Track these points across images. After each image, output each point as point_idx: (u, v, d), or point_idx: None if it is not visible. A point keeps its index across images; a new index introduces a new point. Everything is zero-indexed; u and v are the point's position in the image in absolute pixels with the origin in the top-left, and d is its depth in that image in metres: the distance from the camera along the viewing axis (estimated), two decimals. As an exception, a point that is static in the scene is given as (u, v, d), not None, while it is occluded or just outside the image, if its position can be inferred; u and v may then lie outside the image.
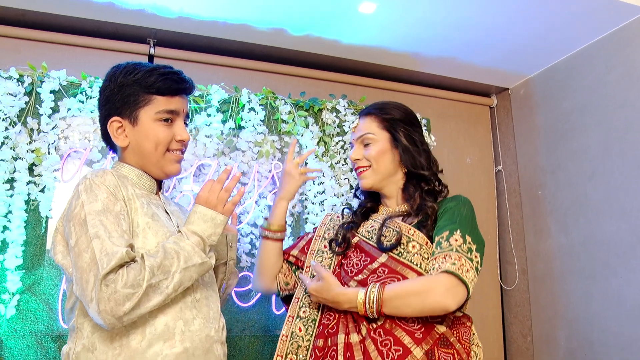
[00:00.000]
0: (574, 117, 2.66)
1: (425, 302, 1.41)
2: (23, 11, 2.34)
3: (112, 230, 1.25)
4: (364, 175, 1.70)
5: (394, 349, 1.42)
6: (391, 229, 1.59)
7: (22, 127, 2.05)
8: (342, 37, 2.57)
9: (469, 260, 1.44)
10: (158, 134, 1.42)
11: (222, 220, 1.37)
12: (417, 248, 1.54)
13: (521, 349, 2.87)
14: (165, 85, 1.41)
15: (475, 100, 3.16)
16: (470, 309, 2.80)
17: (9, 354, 1.93)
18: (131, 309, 1.19)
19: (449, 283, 1.41)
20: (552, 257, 2.74)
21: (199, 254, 1.31)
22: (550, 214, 2.78)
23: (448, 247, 1.46)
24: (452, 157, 3.03)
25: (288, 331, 1.60)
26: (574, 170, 2.65)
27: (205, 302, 1.41)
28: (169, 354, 1.28)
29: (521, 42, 2.62)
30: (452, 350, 1.46)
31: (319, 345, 1.53)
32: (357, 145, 1.73)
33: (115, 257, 1.19)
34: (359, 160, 1.71)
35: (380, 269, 1.54)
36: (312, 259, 1.71)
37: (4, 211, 1.98)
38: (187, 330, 1.33)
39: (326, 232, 1.79)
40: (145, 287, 1.20)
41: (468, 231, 1.51)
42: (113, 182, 1.34)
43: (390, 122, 1.70)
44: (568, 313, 2.61)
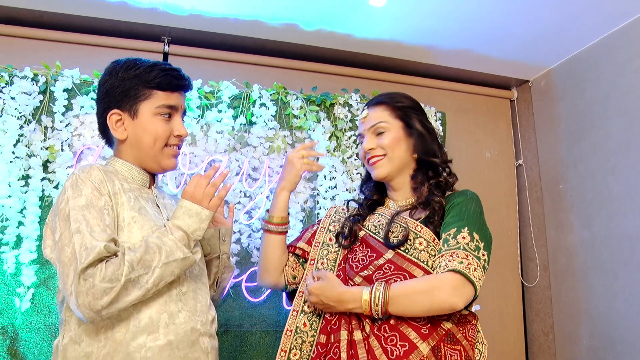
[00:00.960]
0: (595, 108, 2.58)
1: (433, 301, 1.38)
2: (41, 12, 2.39)
3: (95, 225, 1.27)
4: (379, 165, 1.65)
5: (399, 345, 1.40)
6: (399, 225, 1.56)
7: (36, 125, 2.11)
8: (354, 31, 2.54)
9: (477, 258, 1.41)
10: (157, 129, 1.44)
11: (208, 215, 1.37)
12: (424, 245, 1.51)
13: (543, 347, 2.80)
14: (165, 80, 1.44)
15: (495, 93, 3.09)
16: (490, 306, 2.78)
17: (24, 346, 1.98)
18: (109, 303, 1.21)
19: (456, 282, 1.37)
20: (574, 252, 2.66)
21: (181, 249, 1.31)
22: (571, 208, 2.70)
23: (455, 245, 1.43)
24: (470, 151, 2.97)
25: (292, 326, 1.58)
26: (596, 163, 2.57)
27: (192, 295, 1.41)
28: (153, 347, 1.29)
29: (540, 32, 2.54)
30: (459, 347, 1.43)
31: (321, 342, 1.52)
32: (369, 135, 1.67)
33: (93, 252, 1.21)
34: (373, 149, 1.65)
35: (386, 265, 1.52)
36: (318, 250, 1.69)
37: (19, 207, 2.03)
38: (172, 323, 1.33)
39: (331, 224, 1.75)
40: (123, 282, 1.21)
41: (476, 228, 1.47)
42: (99, 178, 1.36)
43: (403, 109, 1.66)
44: (590, 310, 2.54)
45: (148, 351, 1.28)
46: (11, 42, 2.34)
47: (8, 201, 2.00)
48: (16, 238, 2.01)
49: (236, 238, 2.26)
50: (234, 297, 2.24)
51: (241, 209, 2.28)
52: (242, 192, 2.30)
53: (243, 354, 2.21)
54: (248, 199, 2.31)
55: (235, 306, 2.24)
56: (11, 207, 2.01)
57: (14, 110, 2.06)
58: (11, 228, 2.01)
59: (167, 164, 1.49)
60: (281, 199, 1.71)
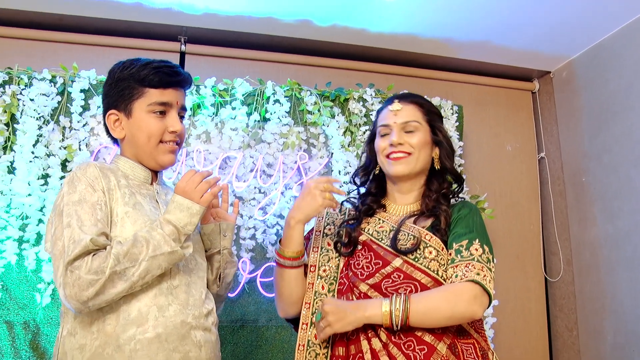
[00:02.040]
0: (618, 99, 2.51)
1: (454, 310, 1.39)
2: (60, 15, 2.45)
3: (85, 220, 1.31)
4: (402, 162, 1.59)
5: (418, 349, 1.40)
6: (406, 233, 1.53)
7: (55, 126, 2.16)
8: (368, 25, 2.53)
9: (489, 270, 1.45)
10: (150, 126, 1.46)
11: (198, 210, 1.38)
12: (434, 254, 1.49)
13: (567, 343, 2.74)
14: (157, 77, 1.45)
15: (516, 85, 3.03)
16: (513, 301, 2.74)
17: (45, 340, 2.04)
18: (95, 294, 1.24)
19: (476, 292, 1.40)
20: (597, 246, 2.60)
21: (168, 243, 1.32)
22: (595, 201, 2.63)
23: (469, 257, 1.45)
24: (491, 144, 2.92)
25: (304, 340, 1.53)
26: (619, 155, 2.50)
27: (184, 288, 1.42)
28: (142, 339, 1.31)
29: (561, 21, 2.48)
30: (472, 340, 1.45)
31: (340, 354, 1.48)
32: (399, 130, 1.60)
33: (80, 245, 1.25)
34: (402, 145, 1.59)
35: (395, 274, 1.49)
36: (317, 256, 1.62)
37: (39, 205, 2.09)
38: (161, 316, 1.34)
39: (326, 227, 1.69)
40: (108, 274, 1.24)
41: (485, 241, 1.50)
42: (94, 174, 1.40)
43: (432, 115, 1.64)
44: (615, 306, 2.47)
45: (137, 343, 1.30)
46: (31, 46, 2.41)
47: (28, 199, 2.06)
48: (36, 235, 2.07)
49: (251, 234, 2.28)
50: (249, 293, 2.25)
51: (256, 205, 2.30)
52: (256, 188, 2.32)
53: (259, 349, 2.22)
54: (262, 195, 2.32)
55: (250, 301, 2.25)
56: (31, 205, 2.07)
57: (32, 111, 2.12)
58: (31, 226, 2.07)
59: (164, 160, 1.51)
60: (297, 232, 1.56)
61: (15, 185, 2.06)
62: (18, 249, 2.06)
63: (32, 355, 2.02)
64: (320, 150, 2.42)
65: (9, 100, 2.11)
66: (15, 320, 2.03)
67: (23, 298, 2.05)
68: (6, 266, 2.04)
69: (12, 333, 2.02)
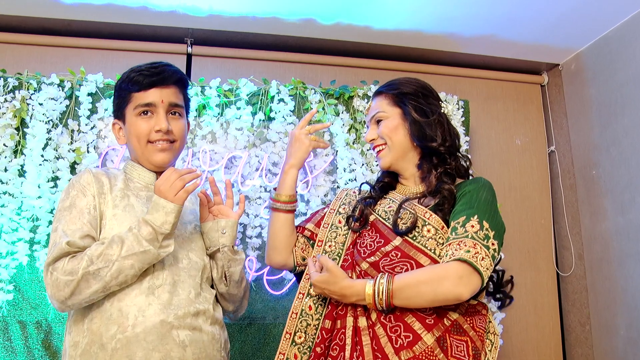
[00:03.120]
0: (627, 90, 2.47)
1: (437, 292, 1.35)
2: (69, 21, 2.50)
3: (71, 223, 1.38)
4: (382, 155, 1.63)
5: (403, 335, 1.38)
6: (408, 211, 1.53)
7: (63, 129, 2.21)
8: (372, 22, 2.53)
9: (485, 247, 1.37)
10: (137, 128, 1.51)
11: (172, 208, 1.39)
12: (432, 232, 1.48)
13: (580, 338, 2.71)
14: (137, 80, 1.50)
15: (525, 79, 3.00)
16: (525, 296, 2.72)
17: (57, 339, 2.09)
18: (71, 294, 1.31)
19: (462, 271, 1.34)
20: (609, 240, 2.56)
21: (140, 243, 1.34)
22: (605, 194, 2.60)
23: (463, 234, 1.40)
24: (500, 139, 2.90)
25: (298, 309, 1.57)
26: (629, 147, 2.46)
27: (168, 288, 1.42)
28: (122, 338, 1.34)
29: (567, 12, 2.44)
30: (466, 338, 1.40)
31: (326, 327, 1.51)
32: (371, 125, 1.66)
33: (57, 248, 1.33)
34: (374, 140, 1.65)
35: (393, 252, 1.49)
36: (326, 232, 1.67)
37: (49, 207, 2.13)
38: (141, 315, 1.37)
39: (341, 207, 1.72)
40: (81, 275, 1.30)
41: (486, 217, 1.43)
42: (86, 180, 1.47)
43: (399, 96, 1.62)
44: (627, 299, 2.44)
45: (117, 342, 1.34)
46: (39, 51, 2.47)
47: (38, 202, 2.11)
48: (47, 237, 2.12)
49: (257, 232, 2.29)
50: (256, 290, 2.28)
51: (261, 204, 2.32)
52: (262, 187, 2.33)
53: (267, 346, 2.24)
54: (268, 194, 2.34)
55: (257, 299, 2.27)
56: (41, 207, 2.12)
57: (42, 115, 2.17)
58: (42, 227, 2.12)
59: (155, 160, 1.53)
60: (290, 177, 1.67)
61: (26, 188, 2.10)
62: (29, 250, 2.11)
63: (44, 354, 2.06)
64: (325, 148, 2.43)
65: (19, 105, 2.16)
66: (28, 319, 2.08)
67: (35, 298, 2.10)
68: (18, 267, 2.10)
69: (25, 332, 2.07)
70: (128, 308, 1.37)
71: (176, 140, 1.56)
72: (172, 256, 1.47)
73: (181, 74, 1.59)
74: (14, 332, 2.06)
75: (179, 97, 1.58)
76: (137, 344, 1.34)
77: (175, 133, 1.54)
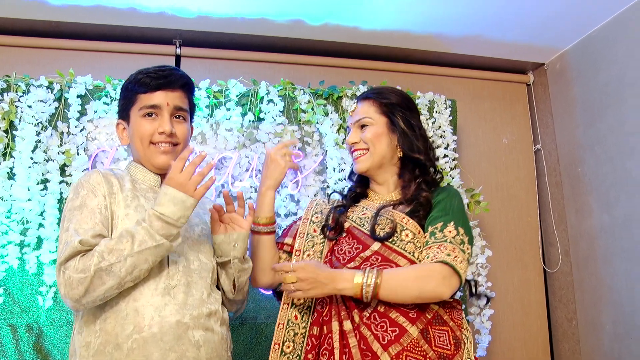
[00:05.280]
0: (611, 89, 2.52)
1: (422, 289, 1.45)
2: (57, 22, 2.49)
3: (83, 223, 1.38)
4: (361, 159, 1.69)
5: (390, 330, 1.45)
6: (385, 217, 1.61)
7: (52, 131, 2.20)
8: (360, 23, 2.55)
9: (462, 252, 1.50)
10: (141, 129, 1.52)
11: (192, 203, 1.39)
12: (410, 237, 1.56)
13: (567, 333, 2.75)
14: (144, 81, 1.51)
15: (511, 78, 3.04)
16: (512, 293, 2.76)
17: (49, 342, 2.08)
18: (85, 292, 1.30)
19: (445, 272, 1.46)
20: (595, 237, 2.61)
21: (153, 237, 1.33)
22: (591, 192, 2.64)
23: (442, 238, 1.51)
24: (487, 138, 2.94)
25: (284, 319, 1.62)
26: (614, 146, 2.50)
27: (183, 288, 1.44)
28: (138, 338, 1.35)
29: (553, 13, 2.48)
30: (446, 328, 1.50)
31: (315, 334, 1.55)
32: (355, 129, 1.72)
33: (69, 247, 1.31)
34: (356, 143, 1.70)
35: (374, 256, 1.56)
36: (303, 241, 1.70)
37: (39, 210, 2.13)
38: (157, 315, 1.38)
39: (314, 216, 1.77)
40: (93, 271, 1.29)
41: (461, 223, 1.55)
42: (96, 180, 1.47)
43: (388, 106, 1.69)
44: (613, 295, 2.48)
45: (134, 342, 1.35)
46: (28, 53, 2.45)
47: (28, 204, 2.10)
48: (37, 239, 2.11)
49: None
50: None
51: (252, 204, 2.33)
52: (252, 187, 2.34)
53: (258, 346, 2.26)
54: (258, 194, 2.35)
55: (249, 299, 2.26)
56: (31, 210, 2.11)
57: (31, 117, 2.16)
58: (32, 230, 2.11)
59: (157, 162, 1.55)
60: (267, 199, 1.69)
61: (15, 190, 2.10)
62: (19, 253, 2.10)
63: (35, 358, 2.06)
64: (315, 148, 2.45)
65: (8, 108, 2.15)
66: (19, 323, 2.08)
67: (26, 301, 2.09)
68: (8, 270, 2.09)
69: (16, 336, 2.06)
70: (144, 308, 1.38)
71: (179, 144, 1.57)
72: (184, 258, 1.49)
73: (188, 78, 1.61)
74: (5, 336, 2.05)
75: (184, 101, 1.59)
76: (154, 344, 1.35)
77: (179, 136, 1.56)
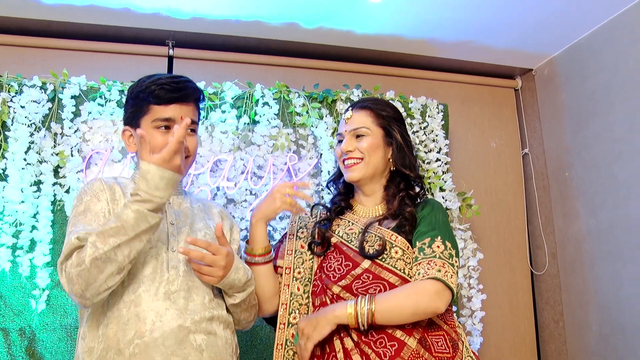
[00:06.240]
0: (598, 95, 2.58)
1: (417, 307, 1.46)
2: (49, 22, 2.45)
3: (87, 225, 1.39)
4: (354, 168, 1.68)
5: (389, 345, 1.46)
6: (373, 235, 1.61)
7: (46, 132, 2.17)
8: (354, 27, 2.57)
9: (451, 265, 1.52)
10: (153, 141, 1.50)
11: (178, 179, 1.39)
12: (400, 253, 1.57)
13: (554, 334, 2.81)
14: (159, 94, 1.50)
15: (499, 83, 3.09)
16: (500, 295, 2.80)
17: (41, 346, 2.06)
18: (86, 284, 1.29)
19: (437, 288, 1.48)
20: (581, 240, 2.67)
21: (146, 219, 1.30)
22: (578, 196, 2.70)
23: (431, 254, 1.52)
24: (476, 141, 2.98)
25: (281, 339, 1.63)
26: (601, 151, 2.56)
27: (183, 294, 1.44)
28: (140, 344, 1.35)
29: (542, 20, 2.53)
30: (441, 332, 1.52)
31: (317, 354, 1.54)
32: (350, 137, 1.70)
33: (67, 245, 1.33)
34: (351, 152, 1.68)
35: (365, 275, 1.56)
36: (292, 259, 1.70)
37: (32, 212, 2.10)
38: (158, 321, 1.38)
39: (299, 231, 1.76)
40: (89, 262, 1.28)
41: (447, 237, 1.57)
42: (99, 187, 1.50)
43: (386, 118, 1.70)
44: (599, 297, 2.54)
45: (136, 347, 1.35)
46: (20, 52, 2.41)
47: (21, 206, 2.07)
48: (30, 242, 2.08)
49: (243, 235, 2.30)
50: (243, 293, 2.28)
51: (247, 207, 2.33)
52: (247, 190, 2.34)
53: (253, 349, 2.26)
54: (254, 196, 2.35)
55: (244, 302, 2.28)
56: (24, 212, 2.08)
57: (24, 118, 2.13)
58: (25, 232, 2.08)
59: None
60: (260, 230, 1.67)
61: (8, 192, 2.06)
62: (12, 256, 2.06)
63: (28, 361, 2.03)
64: (310, 151, 2.46)
65: (0, 108, 2.12)
66: (11, 327, 2.04)
67: (18, 305, 2.06)
68: (0, 273, 2.05)
69: (8, 340, 2.03)
70: (145, 313, 1.38)
71: (189, 156, 1.57)
72: (185, 263, 1.49)
73: (200, 92, 1.60)
74: (-3, 340, 2.02)
75: (196, 114, 1.59)
76: (156, 348, 1.36)
77: (190, 149, 1.55)
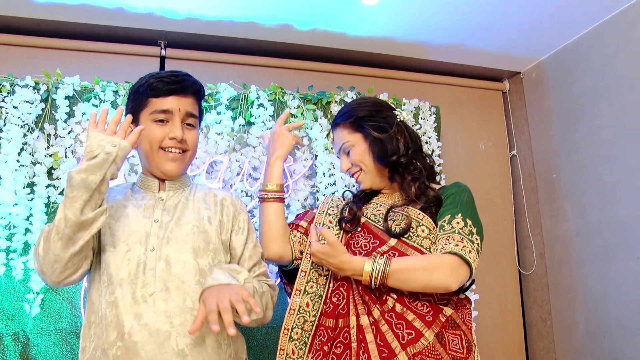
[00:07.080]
0: (585, 99, 2.64)
1: (431, 279, 1.46)
2: (38, 20, 2.41)
3: None
4: (360, 179, 1.75)
5: (406, 332, 1.48)
6: (400, 214, 1.63)
7: (39, 133, 2.13)
8: (348, 29, 2.58)
9: (470, 242, 1.51)
10: (150, 133, 1.50)
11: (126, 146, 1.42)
12: (427, 232, 1.59)
13: (541, 333, 2.87)
14: (157, 86, 1.50)
15: (488, 85, 3.14)
16: (489, 294, 2.84)
17: (36, 350, 2.02)
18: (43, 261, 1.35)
19: (454, 263, 1.47)
20: (569, 240, 2.72)
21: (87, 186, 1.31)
22: (565, 197, 2.76)
23: (450, 230, 1.53)
24: (465, 143, 3.02)
25: (295, 305, 1.64)
26: (588, 153, 2.62)
27: (162, 295, 1.41)
28: (121, 346, 1.36)
29: (530, 24, 2.58)
30: (459, 332, 1.53)
31: (329, 326, 1.58)
32: (343, 156, 1.78)
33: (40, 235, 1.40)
34: (349, 169, 1.77)
35: (390, 252, 1.58)
36: None
37: (26, 214, 2.06)
38: (137, 324, 1.37)
39: (329, 209, 1.80)
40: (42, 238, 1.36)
41: (469, 215, 1.57)
42: None
43: (356, 121, 1.73)
44: (586, 296, 2.60)
45: (118, 349, 1.36)
46: (11, 51, 2.37)
47: (15, 209, 2.03)
48: (24, 245, 2.04)
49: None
50: (239, 295, 2.28)
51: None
52: (243, 191, 2.34)
53: (250, 350, 2.25)
54: (250, 198, 2.34)
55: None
56: (18, 214, 2.04)
57: (16, 119, 2.09)
58: (18, 235, 2.04)
59: (166, 168, 1.54)
60: (277, 168, 1.81)
61: (1, 194, 2.02)
62: (5, 259, 2.02)
63: (22, 366, 2.00)
64: (305, 152, 2.46)
65: (-8, 108, 2.08)
66: (4, 331, 2.00)
67: (12, 309, 2.02)
68: (-7, 277, 2.02)
69: (2, 345, 1.99)
70: (124, 316, 1.38)
71: (188, 150, 1.56)
72: (165, 262, 1.44)
73: (200, 85, 1.60)
74: (-10, 345, 1.98)
75: (195, 108, 1.58)
76: (136, 352, 1.35)
77: (189, 143, 1.55)
